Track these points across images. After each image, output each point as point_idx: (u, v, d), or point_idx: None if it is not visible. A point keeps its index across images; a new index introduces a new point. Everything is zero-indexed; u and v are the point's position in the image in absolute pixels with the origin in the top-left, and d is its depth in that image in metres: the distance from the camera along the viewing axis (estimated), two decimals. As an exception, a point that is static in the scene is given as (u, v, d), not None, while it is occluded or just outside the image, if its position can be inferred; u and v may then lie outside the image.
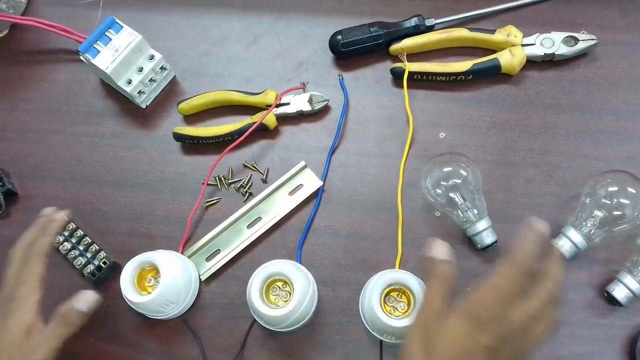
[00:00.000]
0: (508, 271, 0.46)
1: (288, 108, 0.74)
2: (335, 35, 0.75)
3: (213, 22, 0.82)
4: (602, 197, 0.63)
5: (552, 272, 0.47)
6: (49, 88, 0.80)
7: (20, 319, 0.56)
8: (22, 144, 0.78)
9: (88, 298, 0.58)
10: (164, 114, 0.78)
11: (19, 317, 0.56)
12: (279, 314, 0.60)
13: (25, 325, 0.56)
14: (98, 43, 0.72)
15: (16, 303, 0.57)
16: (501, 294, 0.45)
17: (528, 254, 0.46)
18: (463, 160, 0.67)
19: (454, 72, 0.73)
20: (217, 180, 0.73)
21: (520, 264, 0.46)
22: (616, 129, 0.71)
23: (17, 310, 0.56)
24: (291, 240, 0.70)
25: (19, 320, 0.56)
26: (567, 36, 0.73)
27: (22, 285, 0.57)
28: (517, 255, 0.46)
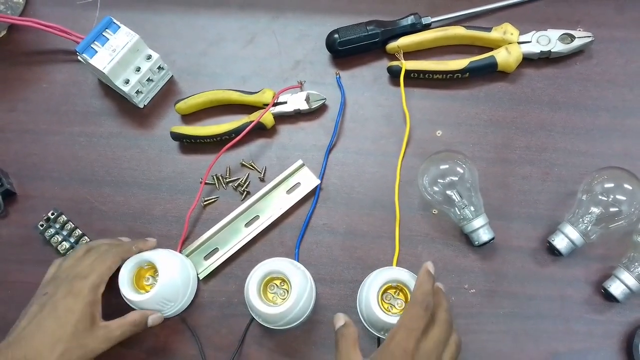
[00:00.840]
0: (413, 311, 0.52)
1: (285, 107, 0.74)
2: (332, 34, 0.75)
3: (210, 21, 0.82)
4: (599, 194, 0.64)
5: (443, 303, 0.55)
6: (47, 88, 0.81)
7: (87, 305, 0.59)
8: (20, 144, 0.78)
9: (157, 320, 0.64)
10: (162, 114, 0.78)
11: (86, 302, 0.59)
12: (276, 312, 0.60)
13: (93, 312, 0.59)
14: (95, 43, 0.72)
15: (84, 288, 0.59)
16: (411, 331, 0.51)
17: (427, 292, 0.53)
18: (460, 158, 0.67)
19: (450, 70, 0.73)
20: (215, 179, 0.74)
21: (421, 302, 0.53)
22: (612, 125, 0.71)
23: (84, 296, 0.59)
24: (289, 238, 0.71)
25: (85, 306, 0.59)
26: (563, 33, 0.73)
27: (93, 274, 0.61)
28: (418, 295, 0.53)
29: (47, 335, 0.57)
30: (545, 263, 0.67)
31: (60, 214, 0.73)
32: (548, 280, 0.66)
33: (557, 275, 0.66)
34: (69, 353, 0.56)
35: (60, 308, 0.58)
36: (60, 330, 0.57)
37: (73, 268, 0.62)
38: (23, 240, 0.73)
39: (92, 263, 0.62)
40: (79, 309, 0.58)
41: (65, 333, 0.57)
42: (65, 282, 0.60)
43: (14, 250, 0.73)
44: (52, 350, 0.56)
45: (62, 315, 0.58)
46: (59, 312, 0.58)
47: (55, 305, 0.58)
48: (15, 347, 0.56)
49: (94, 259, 0.63)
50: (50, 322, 0.57)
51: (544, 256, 0.67)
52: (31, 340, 0.56)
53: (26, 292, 0.70)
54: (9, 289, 0.71)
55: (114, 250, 0.64)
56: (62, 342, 0.56)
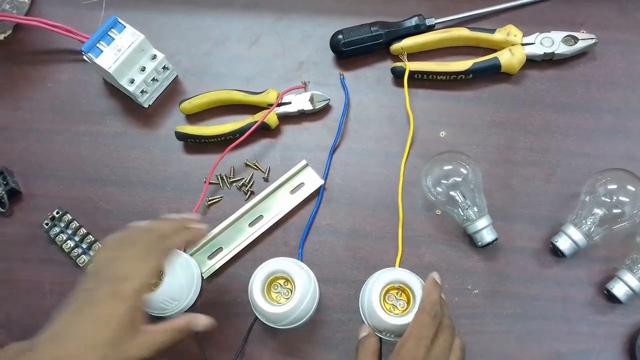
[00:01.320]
0: (422, 319, 0.54)
1: (289, 107, 0.75)
2: (336, 35, 0.75)
3: (215, 22, 0.82)
4: (602, 195, 0.64)
5: (445, 311, 0.57)
6: (52, 88, 0.81)
7: (133, 309, 0.53)
8: (25, 143, 0.78)
9: (207, 323, 0.59)
10: (166, 114, 0.78)
11: (131, 306, 0.53)
12: (280, 311, 0.60)
13: (135, 317, 0.54)
14: (101, 43, 0.73)
15: (130, 292, 0.54)
16: (420, 339, 0.53)
17: (435, 301, 0.55)
18: (463, 159, 0.67)
19: (454, 71, 0.73)
20: (219, 179, 0.74)
21: (430, 311, 0.55)
22: (616, 127, 0.72)
23: (130, 300, 0.53)
24: (292, 238, 0.71)
25: (131, 309, 0.53)
26: (566, 35, 0.73)
27: (138, 279, 0.55)
28: (427, 304, 0.55)
29: (85, 338, 0.52)
30: (548, 264, 0.67)
31: (65, 213, 0.73)
32: (551, 281, 0.66)
33: (560, 277, 0.66)
34: (107, 359, 0.52)
35: (101, 310, 0.53)
36: (99, 335, 0.52)
37: (114, 263, 0.56)
38: (28, 238, 0.73)
39: (136, 263, 0.56)
40: (120, 314, 0.53)
41: (104, 338, 0.52)
42: (108, 281, 0.55)
43: (19, 249, 0.73)
44: (89, 355, 0.51)
45: (103, 319, 0.53)
46: (99, 315, 0.53)
47: (95, 306, 0.54)
48: (53, 346, 0.52)
49: (136, 257, 0.57)
50: (89, 325, 0.53)
51: (547, 257, 0.67)
52: (69, 342, 0.52)
53: (31, 291, 0.71)
54: (14, 288, 0.72)
55: (158, 249, 0.57)
56: (100, 347, 0.52)
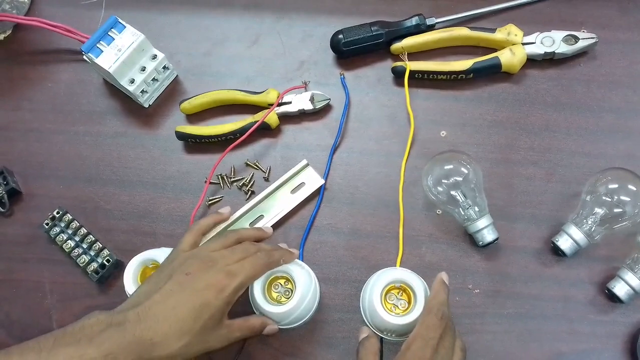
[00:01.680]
0: (430, 320, 0.54)
1: (290, 107, 0.75)
2: (337, 35, 0.75)
3: (215, 22, 0.82)
4: (603, 195, 0.64)
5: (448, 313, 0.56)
6: (52, 88, 0.81)
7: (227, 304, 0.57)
8: (25, 143, 0.78)
9: (272, 331, 0.62)
10: (167, 113, 0.78)
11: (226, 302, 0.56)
12: (280, 311, 0.60)
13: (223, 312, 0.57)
14: (101, 43, 0.73)
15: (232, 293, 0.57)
16: (427, 340, 0.52)
17: (442, 302, 0.55)
18: (464, 158, 0.67)
19: (454, 70, 0.73)
20: (220, 179, 0.74)
21: (437, 312, 0.54)
22: (616, 127, 0.72)
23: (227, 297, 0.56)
24: (293, 237, 0.71)
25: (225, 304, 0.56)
26: (567, 35, 0.73)
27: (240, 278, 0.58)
28: (434, 305, 0.55)
29: (178, 322, 0.53)
30: (549, 263, 0.67)
31: (65, 213, 0.73)
32: (552, 281, 0.66)
33: (561, 276, 0.66)
34: (191, 345, 0.54)
35: (199, 298, 0.55)
36: (191, 321, 0.54)
37: (223, 259, 0.59)
38: (28, 238, 0.73)
39: (244, 263, 0.59)
40: (216, 306, 0.55)
41: (195, 326, 0.54)
42: (212, 271, 0.57)
43: (19, 249, 0.73)
44: (179, 339, 0.53)
45: (199, 307, 0.55)
46: (196, 302, 0.55)
47: (195, 293, 0.55)
48: (144, 325, 0.53)
49: (244, 257, 0.59)
50: (184, 310, 0.54)
51: (548, 257, 0.67)
52: (162, 323, 0.53)
53: (31, 291, 0.71)
54: (15, 288, 0.71)
55: (265, 260, 0.60)
56: (189, 334, 0.54)
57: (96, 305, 0.69)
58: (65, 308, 0.70)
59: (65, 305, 0.70)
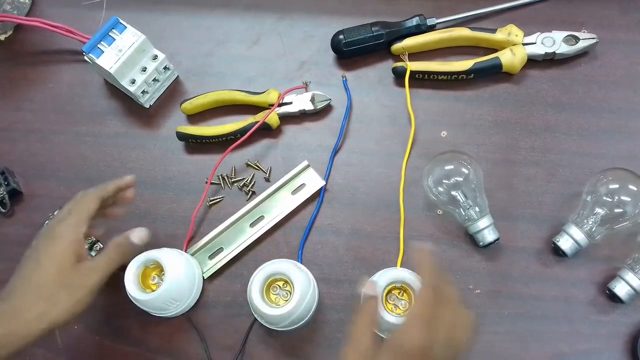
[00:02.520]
0: (420, 296, 0.50)
1: (290, 107, 0.75)
2: (337, 35, 0.76)
3: (216, 22, 0.82)
4: (604, 195, 0.64)
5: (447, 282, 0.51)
6: (53, 88, 0.81)
7: (68, 246, 0.57)
8: (26, 144, 0.78)
9: (142, 234, 0.63)
10: (167, 114, 0.78)
11: (66, 244, 0.57)
12: (279, 313, 0.60)
13: (73, 252, 0.57)
14: (102, 43, 0.73)
15: (63, 230, 0.58)
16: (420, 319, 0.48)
17: (431, 272, 0.50)
18: (465, 159, 0.67)
19: (455, 71, 0.73)
20: (221, 179, 0.74)
21: (430, 284, 0.50)
22: (617, 127, 0.72)
23: (64, 238, 0.58)
24: (294, 238, 0.71)
25: (66, 247, 0.57)
26: (567, 35, 0.73)
27: (72, 215, 0.59)
28: (425, 278, 0.50)
29: (32, 283, 0.56)
30: (550, 264, 0.67)
31: (66, 213, 0.73)
32: (553, 281, 0.66)
33: (562, 276, 0.66)
34: (55, 296, 0.55)
35: (42, 254, 0.57)
36: (42, 275, 0.56)
37: (54, 219, 0.61)
38: (29, 239, 0.72)
39: (70, 207, 0.61)
40: (59, 251, 0.57)
41: (47, 277, 0.56)
42: (46, 230, 0.60)
43: (21, 249, 0.71)
44: (38, 297, 0.55)
45: (44, 261, 0.57)
46: (41, 259, 0.57)
47: (37, 253, 0.58)
48: (4, 302, 0.55)
49: (72, 204, 0.61)
50: (34, 271, 0.57)
51: (548, 257, 0.67)
52: (20, 292, 0.56)
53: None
54: (15, 288, 0.71)
55: (90, 192, 0.62)
56: (46, 287, 0.55)
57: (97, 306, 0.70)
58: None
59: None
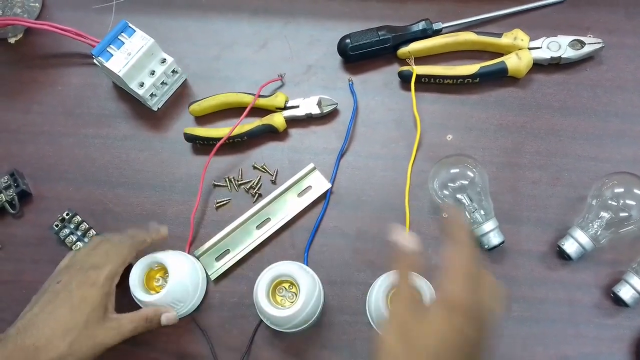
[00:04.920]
0: (468, 252, 0.45)
1: (297, 111, 0.75)
2: (344, 39, 0.76)
3: (224, 26, 0.83)
4: (609, 199, 0.64)
5: None
6: (62, 91, 0.82)
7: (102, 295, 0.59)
8: (36, 146, 0.79)
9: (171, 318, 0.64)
10: (175, 117, 0.79)
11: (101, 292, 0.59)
12: (285, 315, 0.61)
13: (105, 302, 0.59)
14: (111, 47, 0.73)
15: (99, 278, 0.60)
16: (469, 278, 0.44)
17: (470, 234, 0.46)
18: (470, 162, 0.67)
19: (461, 75, 0.73)
20: (227, 182, 0.74)
21: (470, 245, 0.46)
22: (622, 131, 0.72)
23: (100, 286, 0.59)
24: (300, 240, 0.71)
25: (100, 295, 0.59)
26: (573, 40, 0.74)
27: (108, 265, 0.61)
28: (463, 239, 0.46)
29: (59, 323, 0.56)
30: (554, 267, 0.67)
31: (74, 215, 0.74)
32: (557, 284, 0.66)
33: (567, 280, 0.66)
34: (78, 343, 0.56)
35: (75, 297, 0.58)
36: (73, 319, 0.56)
37: (88, 258, 0.62)
38: (38, 240, 0.74)
39: (108, 253, 0.62)
40: (93, 299, 0.58)
41: (77, 322, 0.56)
42: (81, 271, 0.60)
43: (29, 250, 0.74)
44: (63, 339, 0.55)
45: (77, 304, 0.57)
46: (73, 301, 0.57)
47: (70, 293, 0.58)
48: (25, 335, 0.55)
49: (108, 249, 0.63)
50: (63, 311, 0.57)
51: (553, 260, 0.67)
52: (42, 328, 0.55)
53: (40, 292, 0.71)
54: (24, 289, 0.72)
55: (128, 242, 0.64)
56: (73, 331, 0.56)
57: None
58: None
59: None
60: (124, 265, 0.62)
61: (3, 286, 0.72)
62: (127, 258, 0.63)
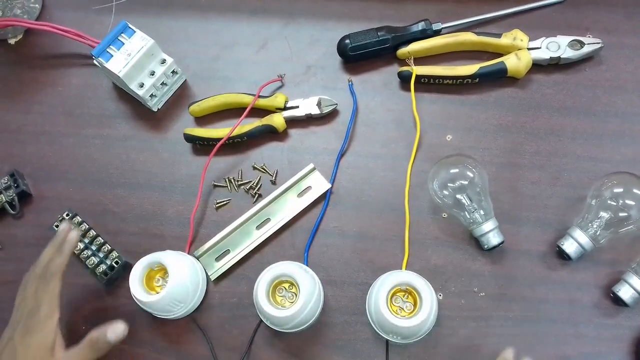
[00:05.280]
0: None
1: (297, 111, 0.75)
2: (344, 40, 0.76)
3: (223, 26, 0.83)
4: (608, 199, 0.64)
5: None
6: (62, 91, 0.82)
7: (45, 338, 0.58)
8: (36, 146, 0.79)
9: (119, 330, 0.60)
10: (175, 117, 0.79)
11: (42, 336, 0.58)
12: (284, 315, 0.61)
13: (49, 344, 0.58)
14: (111, 47, 0.74)
15: (38, 323, 0.58)
16: None
17: None
18: (470, 162, 0.68)
19: (460, 75, 0.73)
20: (227, 182, 0.74)
21: None
22: (622, 131, 0.72)
23: (39, 330, 0.58)
24: (300, 241, 0.71)
25: (43, 339, 0.58)
26: (572, 40, 0.74)
27: (42, 305, 0.59)
28: None
29: None
30: (554, 267, 0.67)
31: (74, 215, 0.74)
32: (557, 284, 0.66)
33: (566, 279, 0.66)
34: None
35: (18, 347, 0.57)
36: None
37: (23, 305, 0.60)
38: (38, 240, 0.74)
39: (36, 294, 0.60)
40: (34, 346, 0.57)
41: None
42: (20, 323, 0.59)
43: (29, 251, 0.73)
44: None
45: (20, 353, 0.57)
46: (17, 351, 0.57)
47: (14, 348, 0.57)
48: None
49: (36, 289, 0.60)
50: None
51: (553, 260, 0.67)
52: None
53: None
54: (24, 289, 0.72)
55: (50, 271, 0.61)
56: None
57: (104, 307, 0.71)
58: (74, 309, 0.71)
59: (74, 307, 0.71)
60: (57, 297, 0.60)
61: (4, 286, 0.72)
62: (55, 290, 0.60)
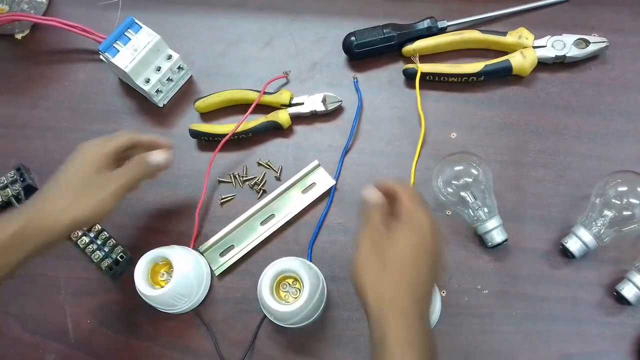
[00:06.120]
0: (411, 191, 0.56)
1: (302, 108, 0.75)
2: (349, 37, 0.76)
3: (229, 23, 0.83)
4: (612, 197, 0.64)
5: None
6: (68, 87, 0.82)
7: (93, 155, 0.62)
8: (42, 141, 0.79)
9: (160, 157, 0.65)
10: (181, 113, 0.79)
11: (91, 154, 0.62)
12: (288, 310, 0.61)
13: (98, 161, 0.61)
14: (117, 43, 0.74)
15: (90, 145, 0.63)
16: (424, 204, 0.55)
17: None
18: (474, 160, 0.68)
19: (465, 73, 0.73)
20: (232, 178, 0.75)
21: None
22: (626, 130, 0.72)
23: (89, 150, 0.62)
24: (304, 237, 0.71)
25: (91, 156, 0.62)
26: (578, 38, 0.74)
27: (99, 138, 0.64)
28: None
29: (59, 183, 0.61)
30: (558, 265, 0.67)
31: (80, 210, 0.74)
32: (560, 282, 0.66)
33: (570, 278, 0.66)
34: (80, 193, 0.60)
35: (69, 164, 0.62)
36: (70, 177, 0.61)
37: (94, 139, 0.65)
38: (44, 234, 0.74)
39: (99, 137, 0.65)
40: (84, 160, 0.61)
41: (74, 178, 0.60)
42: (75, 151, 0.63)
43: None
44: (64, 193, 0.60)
45: (70, 168, 0.61)
46: (68, 167, 0.61)
47: (65, 164, 0.62)
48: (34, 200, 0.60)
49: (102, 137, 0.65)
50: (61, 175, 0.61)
51: (556, 258, 0.67)
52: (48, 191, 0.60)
53: (46, 286, 0.72)
54: (30, 282, 0.73)
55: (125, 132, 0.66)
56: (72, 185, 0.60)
57: (109, 301, 0.71)
58: (79, 303, 0.71)
59: (79, 301, 0.72)
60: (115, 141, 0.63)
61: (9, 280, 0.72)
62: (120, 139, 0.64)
